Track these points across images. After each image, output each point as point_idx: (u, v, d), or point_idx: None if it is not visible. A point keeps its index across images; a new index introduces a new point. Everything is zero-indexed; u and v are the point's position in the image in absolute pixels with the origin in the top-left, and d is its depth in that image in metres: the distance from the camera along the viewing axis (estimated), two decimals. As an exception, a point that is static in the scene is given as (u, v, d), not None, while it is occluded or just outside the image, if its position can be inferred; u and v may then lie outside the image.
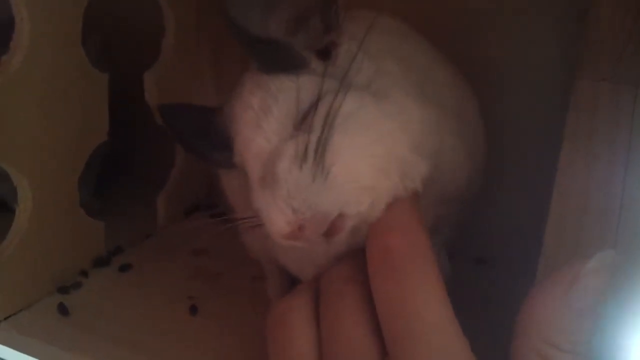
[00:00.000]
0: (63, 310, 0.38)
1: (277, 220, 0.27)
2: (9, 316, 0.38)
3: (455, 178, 0.32)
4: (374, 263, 0.26)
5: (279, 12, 0.28)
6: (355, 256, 0.28)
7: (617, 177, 0.28)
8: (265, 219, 0.27)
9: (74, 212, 0.42)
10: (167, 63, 0.47)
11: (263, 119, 0.28)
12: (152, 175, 0.50)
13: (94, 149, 0.42)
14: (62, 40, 0.38)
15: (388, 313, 0.25)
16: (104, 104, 0.43)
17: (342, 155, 0.27)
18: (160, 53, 0.47)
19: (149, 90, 0.46)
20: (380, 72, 0.29)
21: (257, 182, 0.28)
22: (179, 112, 0.36)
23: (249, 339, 0.36)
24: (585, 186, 0.29)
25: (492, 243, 0.45)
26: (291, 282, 0.35)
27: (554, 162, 0.30)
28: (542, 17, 0.42)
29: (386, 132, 0.27)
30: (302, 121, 0.28)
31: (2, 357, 0.37)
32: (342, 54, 0.29)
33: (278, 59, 0.28)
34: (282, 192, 0.26)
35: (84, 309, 0.39)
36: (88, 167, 0.42)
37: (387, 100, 0.28)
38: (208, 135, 0.32)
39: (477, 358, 0.24)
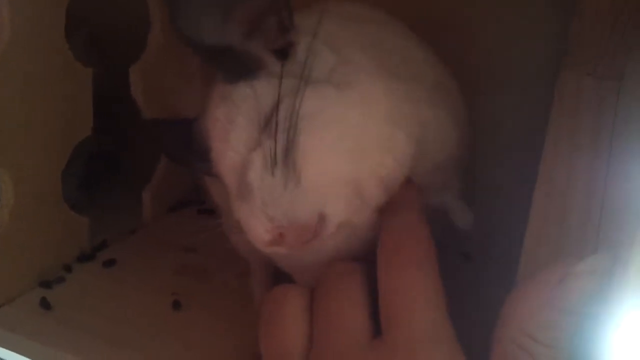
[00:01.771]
0: (45, 305, 0.38)
1: (256, 229, 0.27)
2: (-9, 310, 0.37)
3: (444, 146, 0.32)
4: (383, 260, 0.27)
5: (232, 18, 0.28)
6: (349, 261, 0.29)
7: (599, 172, 0.28)
8: (246, 229, 0.28)
9: (58, 207, 0.42)
10: (153, 57, 0.46)
11: (230, 130, 0.28)
12: (138, 170, 0.50)
13: (78, 143, 0.42)
14: (45, 33, 0.38)
15: (387, 294, 0.26)
16: (88, 98, 0.42)
17: (311, 156, 0.26)
18: (146, 47, 0.46)
19: (135, 85, 0.45)
20: (342, 61, 0.29)
21: (234, 193, 0.28)
22: (163, 127, 0.37)
23: (232, 334, 0.36)
24: (567, 182, 0.29)
25: (477, 238, 0.45)
26: (276, 278, 0.35)
27: (539, 157, 0.30)
28: (528, 11, 0.42)
29: (353, 121, 0.27)
30: (265, 127, 0.28)
31: (-17, 351, 0.36)
32: (301, 51, 0.29)
33: (236, 65, 0.28)
34: (256, 202, 0.27)
35: (67, 304, 0.39)
36: (72, 162, 0.42)
37: (350, 89, 0.28)
38: (191, 146, 0.32)
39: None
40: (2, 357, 0.37)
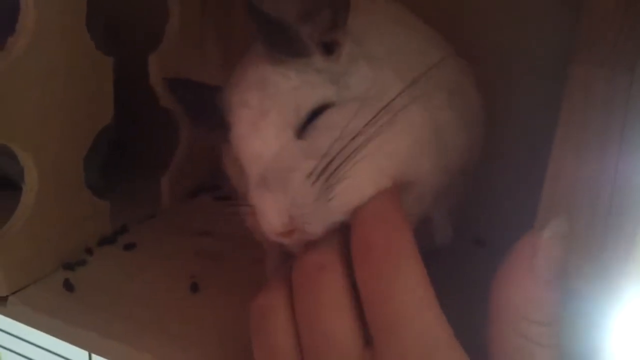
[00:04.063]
0: (69, 286, 0.40)
1: (273, 220, 0.28)
2: (17, 291, 0.39)
3: (454, 149, 0.33)
4: (357, 257, 0.26)
5: None
6: (328, 240, 0.28)
7: (609, 163, 0.29)
8: (261, 215, 0.28)
9: (80, 192, 0.43)
10: (171, 46, 0.47)
11: (261, 121, 0.29)
12: (156, 157, 0.51)
13: (99, 131, 0.43)
14: (68, 23, 0.39)
15: (372, 302, 0.25)
16: (108, 86, 0.43)
17: (352, 184, 0.28)
18: (164, 36, 0.47)
19: (154, 73, 0.46)
20: (377, 79, 0.29)
21: (255, 180, 0.29)
22: (183, 86, 0.37)
23: (247, 317, 0.37)
24: (576, 172, 0.29)
25: (490, 225, 0.45)
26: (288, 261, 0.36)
27: (551, 147, 0.30)
28: (540, 2, 0.42)
29: (394, 152, 0.29)
30: (303, 128, 0.28)
31: (10, 330, 0.38)
32: (344, 55, 0.30)
33: (284, 41, 0.29)
34: (286, 200, 0.27)
35: (89, 286, 0.40)
36: (93, 149, 0.43)
37: (389, 115, 0.28)
38: (209, 112, 0.33)
39: (471, 339, 0.25)
40: (27, 335, 0.38)
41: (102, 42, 0.42)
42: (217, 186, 0.53)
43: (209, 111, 0.33)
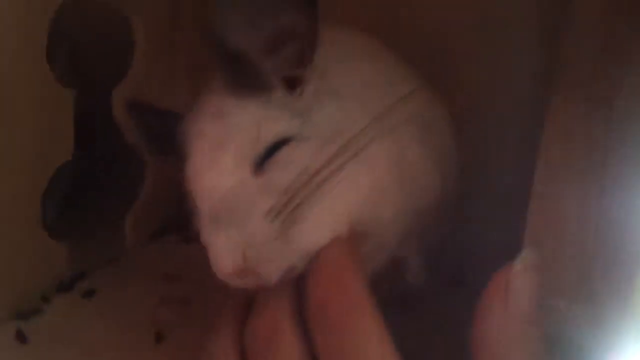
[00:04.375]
0: (21, 337, 0.37)
1: (225, 259, 0.26)
2: (-37, 344, 0.36)
3: (424, 188, 0.32)
4: (314, 322, 0.26)
5: (259, 28, 0.27)
6: (280, 297, 0.27)
7: (592, 197, 0.28)
8: (212, 253, 0.27)
9: (36, 234, 0.40)
10: (137, 79, 0.46)
11: (217, 152, 0.27)
12: (119, 196, 0.49)
13: (57, 168, 0.41)
14: (27, 53, 0.37)
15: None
16: (68, 121, 0.41)
17: (309, 226, 0.27)
18: (131, 68, 0.46)
19: (118, 107, 0.44)
20: (345, 121, 0.29)
21: (207, 215, 0.27)
22: (142, 110, 0.36)
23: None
24: (559, 207, 0.29)
25: (468, 264, 0.44)
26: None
27: (531, 182, 0.29)
28: (520, 34, 0.42)
29: (353, 193, 0.28)
30: (262, 163, 0.27)
31: (-47, 388, 0.35)
32: (308, 91, 0.29)
33: (245, 74, 0.28)
34: (240, 238, 0.26)
35: (44, 337, 0.38)
36: (51, 186, 0.41)
37: (352, 153, 0.28)
38: (167, 140, 0.32)
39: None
40: (-26, 393, 0.35)
41: (63, 74, 0.41)
42: (183, 226, 0.51)
43: (167, 139, 0.32)
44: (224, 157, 0.27)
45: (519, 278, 0.25)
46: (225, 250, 0.26)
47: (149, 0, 0.46)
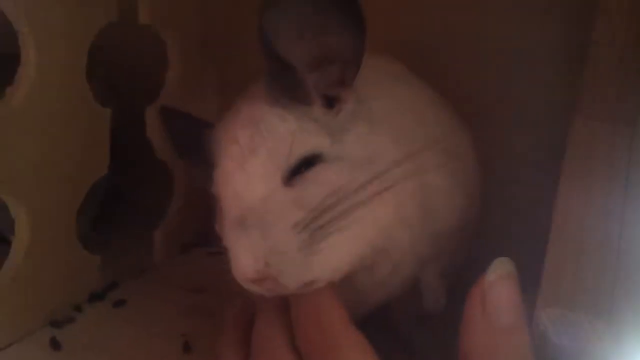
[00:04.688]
0: (55, 344, 0.38)
1: (247, 264, 0.27)
2: (2, 348, 0.37)
3: (446, 215, 0.33)
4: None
5: (307, 42, 0.28)
6: (274, 323, 0.28)
7: (614, 217, 0.28)
8: (234, 258, 0.27)
9: (71, 245, 0.42)
10: (170, 98, 0.47)
11: (249, 159, 0.28)
12: (150, 210, 0.50)
13: (93, 183, 0.42)
14: (67, 73, 0.39)
15: None
16: (105, 138, 0.43)
17: (335, 244, 0.27)
18: (164, 88, 0.47)
19: (151, 125, 0.46)
20: (373, 142, 0.29)
21: (233, 220, 0.28)
22: (176, 116, 0.36)
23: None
24: (581, 231, 0.29)
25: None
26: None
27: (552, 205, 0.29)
28: (544, 57, 0.43)
29: (377, 220, 0.28)
30: (291, 175, 0.28)
31: (-9, 391, 0.36)
32: (344, 111, 0.29)
33: (289, 84, 0.28)
34: (265, 246, 0.26)
35: (77, 345, 0.38)
36: (87, 200, 0.42)
37: (380, 182, 0.28)
38: (198, 147, 0.32)
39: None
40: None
41: (101, 93, 0.42)
42: (210, 241, 0.52)
43: (197, 146, 0.32)
44: (255, 163, 0.28)
45: (494, 288, 0.24)
46: (248, 255, 0.26)
47: (182, 22, 0.48)
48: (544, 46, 0.42)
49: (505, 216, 0.43)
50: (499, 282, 0.24)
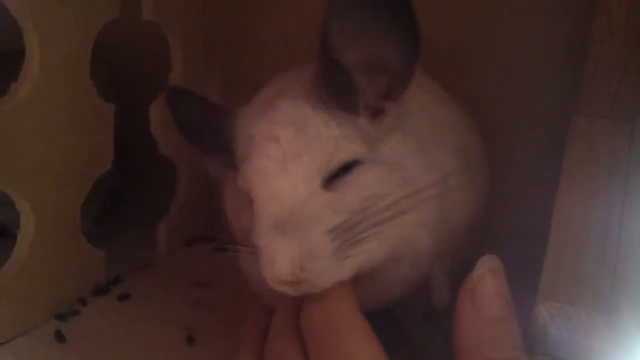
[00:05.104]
0: (60, 337, 0.38)
1: (283, 267, 0.26)
2: (6, 341, 0.38)
3: (462, 216, 0.33)
4: (306, 337, 0.27)
5: (364, 50, 0.28)
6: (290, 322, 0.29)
7: (614, 212, 0.29)
8: (269, 259, 0.27)
9: (76, 240, 0.42)
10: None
11: (292, 161, 0.28)
12: (153, 205, 0.51)
13: (97, 178, 0.43)
14: (71, 70, 0.39)
15: None
16: (109, 133, 0.43)
17: (368, 248, 0.28)
18: (168, 85, 0.47)
19: (155, 122, 0.46)
20: (407, 158, 0.30)
21: (269, 221, 0.27)
22: (186, 99, 0.35)
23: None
24: (582, 226, 0.29)
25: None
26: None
27: (552, 202, 0.30)
28: (545, 54, 0.43)
29: (404, 221, 0.29)
30: (330, 180, 0.28)
31: (-3, 383, 0.36)
32: (386, 124, 0.30)
33: (340, 92, 0.28)
34: (300, 249, 0.26)
35: (81, 337, 0.39)
36: (91, 195, 0.42)
37: (412, 196, 0.29)
38: (211, 132, 0.31)
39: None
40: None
41: (104, 90, 0.43)
42: (213, 237, 0.52)
43: (210, 131, 0.31)
44: (297, 166, 0.27)
45: (482, 282, 0.26)
46: (284, 258, 0.26)
47: (185, 20, 0.48)
48: (544, 46, 0.42)
49: (506, 216, 0.43)
50: (486, 275, 0.26)
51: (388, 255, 0.29)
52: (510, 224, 0.44)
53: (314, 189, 0.27)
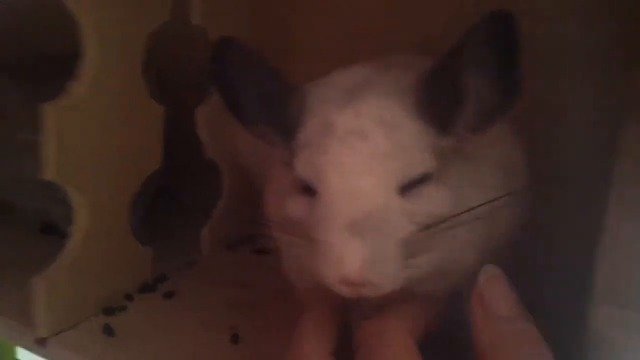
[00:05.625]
0: (109, 331, 0.39)
1: (353, 268, 0.26)
2: (58, 333, 0.39)
3: (502, 230, 0.33)
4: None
5: (482, 77, 0.28)
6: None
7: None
8: (337, 257, 0.26)
9: (126, 237, 0.43)
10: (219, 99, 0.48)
11: (379, 163, 0.27)
12: (198, 207, 0.51)
13: (147, 176, 0.44)
14: (125, 70, 0.40)
15: None
16: (159, 133, 0.44)
17: (429, 258, 0.29)
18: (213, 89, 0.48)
19: (201, 125, 0.47)
20: (467, 175, 0.30)
21: (343, 221, 0.27)
22: (238, 53, 0.31)
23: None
24: (634, 235, 0.28)
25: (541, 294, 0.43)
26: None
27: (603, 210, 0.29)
28: (594, 61, 0.42)
29: (461, 247, 0.30)
30: (408, 188, 0.28)
31: (49, 373, 0.37)
32: (465, 151, 0.30)
33: (444, 107, 0.28)
34: (374, 253, 0.26)
35: (129, 332, 0.40)
36: (140, 194, 0.43)
37: (466, 210, 0.29)
38: (265, 99, 0.30)
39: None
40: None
41: (155, 91, 0.44)
42: (254, 240, 0.52)
43: (262, 98, 0.30)
44: (384, 170, 0.27)
45: (487, 286, 0.28)
46: (356, 260, 0.26)
47: (232, 25, 0.49)
48: (596, 49, 0.42)
49: (559, 224, 0.42)
50: (490, 280, 0.29)
51: (435, 269, 0.29)
52: (561, 233, 0.43)
53: (393, 194, 0.27)
